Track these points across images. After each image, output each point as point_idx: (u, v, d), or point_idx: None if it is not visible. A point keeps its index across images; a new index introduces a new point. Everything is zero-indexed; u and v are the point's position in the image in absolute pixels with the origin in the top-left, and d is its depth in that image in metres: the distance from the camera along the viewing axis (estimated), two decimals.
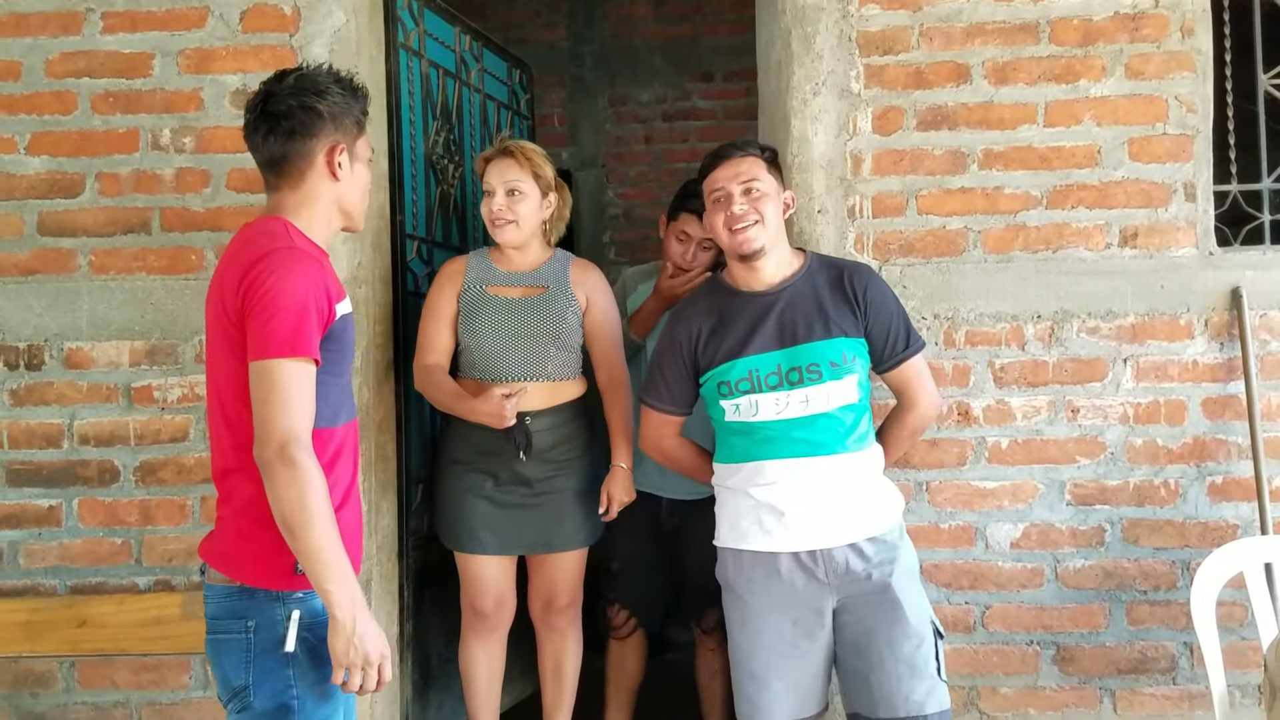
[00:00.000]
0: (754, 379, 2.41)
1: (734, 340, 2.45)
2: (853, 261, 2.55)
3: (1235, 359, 2.89)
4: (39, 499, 2.97)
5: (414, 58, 3.25)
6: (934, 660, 2.37)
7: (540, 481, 2.92)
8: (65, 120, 2.97)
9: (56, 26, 2.96)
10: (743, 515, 2.46)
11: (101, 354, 2.96)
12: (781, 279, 2.47)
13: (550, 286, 2.94)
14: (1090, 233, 2.92)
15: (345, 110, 2.02)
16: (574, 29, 5.79)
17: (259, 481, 1.87)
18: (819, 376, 2.38)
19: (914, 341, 2.50)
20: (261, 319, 1.85)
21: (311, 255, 1.96)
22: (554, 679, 3.09)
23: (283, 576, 1.90)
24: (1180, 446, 2.92)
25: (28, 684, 2.98)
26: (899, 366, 2.49)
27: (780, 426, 2.40)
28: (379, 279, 3.04)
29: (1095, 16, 2.92)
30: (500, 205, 2.87)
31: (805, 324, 2.41)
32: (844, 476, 2.39)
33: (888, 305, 2.47)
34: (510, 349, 2.88)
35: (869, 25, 2.94)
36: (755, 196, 2.42)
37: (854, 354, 2.41)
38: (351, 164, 2.04)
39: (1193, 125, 2.92)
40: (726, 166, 2.46)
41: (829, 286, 2.45)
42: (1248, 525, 2.90)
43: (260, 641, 1.90)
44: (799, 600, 2.40)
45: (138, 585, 2.95)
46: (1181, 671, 2.92)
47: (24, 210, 2.97)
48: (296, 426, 1.84)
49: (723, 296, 2.52)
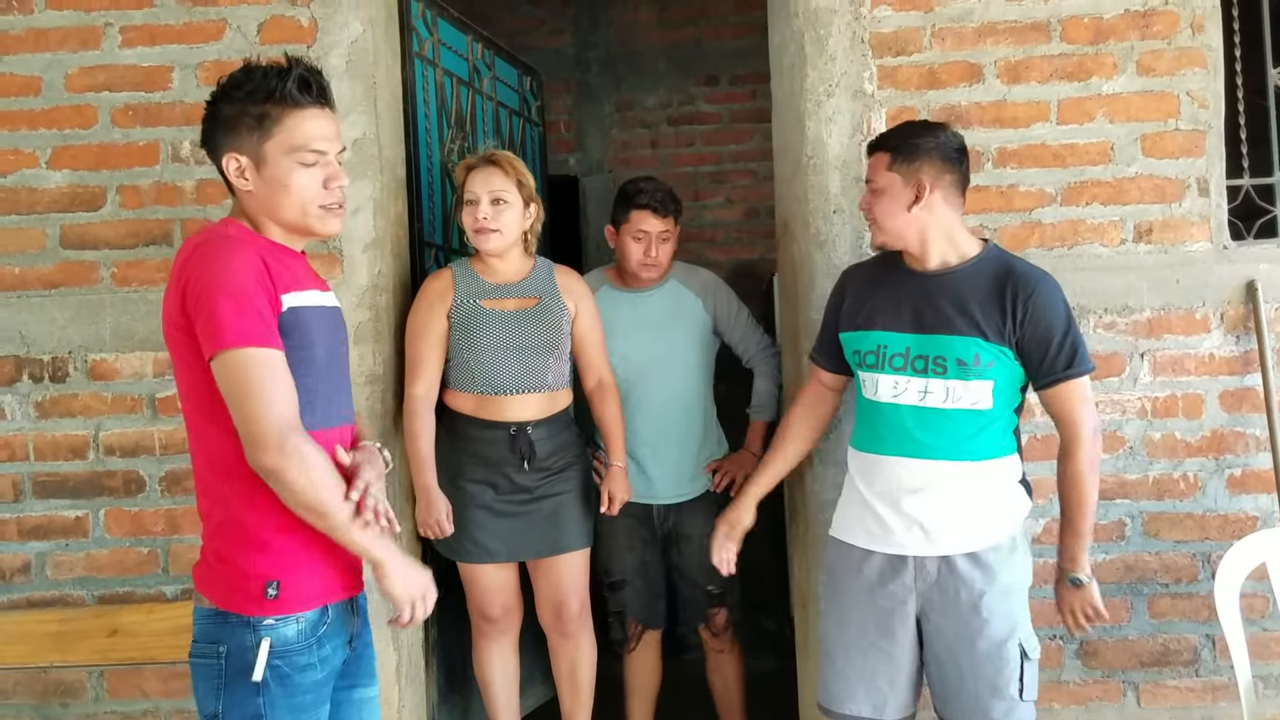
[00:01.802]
0: (880, 355, 2.41)
1: (875, 311, 2.46)
2: (1030, 267, 2.41)
3: (1251, 352, 2.91)
4: (65, 510, 2.98)
5: (429, 67, 3.28)
6: (1017, 682, 2.34)
7: (538, 488, 2.97)
8: (86, 134, 2.98)
9: (76, 41, 2.98)
10: (852, 506, 2.51)
11: (125, 365, 2.98)
12: (943, 264, 2.42)
13: (543, 297, 2.99)
14: (1105, 229, 2.94)
15: (240, 113, 1.83)
16: (579, 35, 5.82)
17: (229, 502, 1.84)
18: (944, 371, 2.34)
19: (1077, 364, 2.34)
20: (205, 312, 1.75)
21: (249, 244, 1.83)
22: (570, 684, 3.12)
23: (253, 601, 1.83)
24: (1199, 440, 2.94)
25: (57, 694, 2.99)
26: (1053, 388, 2.36)
27: (899, 415, 2.39)
28: (399, 286, 3.06)
29: (1106, 14, 2.93)
30: (486, 214, 2.90)
31: (945, 315, 2.36)
32: (952, 485, 2.37)
33: (1050, 320, 2.33)
34: (511, 362, 2.91)
35: (881, 27, 2.96)
36: (873, 194, 2.44)
37: (990, 359, 2.33)
38: (259, 170, 1.85)
39: (1204, 121, 2.94)
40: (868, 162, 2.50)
41: (991, 285, 2.36)
42: (1267, 517, 2.91)
43: (231, 668, 1.83)
44: (883, 600, 2.42)
45: (165, 595, 2.97)
46: (1204, 663, 2.94)
47: (46, 224, 2.99)
48: (281, 415, 1.76)
49: (887, 266, 2.51)
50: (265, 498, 1.82)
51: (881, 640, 2.42)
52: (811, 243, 2.94)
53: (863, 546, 2.46)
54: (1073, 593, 2.41)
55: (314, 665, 1.87)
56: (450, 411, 2.96)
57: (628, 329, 3.21)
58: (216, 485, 1.87)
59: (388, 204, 2.99)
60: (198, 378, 1.82)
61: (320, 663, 1.88)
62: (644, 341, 3.21)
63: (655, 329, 3.22)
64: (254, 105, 1.83)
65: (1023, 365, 2.36)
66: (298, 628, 1.85)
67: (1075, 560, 2.39)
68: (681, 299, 3.27)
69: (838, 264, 2.89)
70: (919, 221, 2.39)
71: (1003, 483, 2.41)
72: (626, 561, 3.24)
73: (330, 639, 1.91)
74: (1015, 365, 2.36)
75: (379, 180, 2.93)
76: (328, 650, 1.90)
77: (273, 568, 1.84)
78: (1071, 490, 2.38)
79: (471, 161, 2.98)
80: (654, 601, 3.29)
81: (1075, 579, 2.39)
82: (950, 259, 2.41)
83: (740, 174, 5.75)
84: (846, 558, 2.49)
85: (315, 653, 1.87)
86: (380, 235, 2.95)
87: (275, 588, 1.83)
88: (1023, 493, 2.46)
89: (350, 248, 2.92)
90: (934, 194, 2.38)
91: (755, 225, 5.71)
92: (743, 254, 5.79)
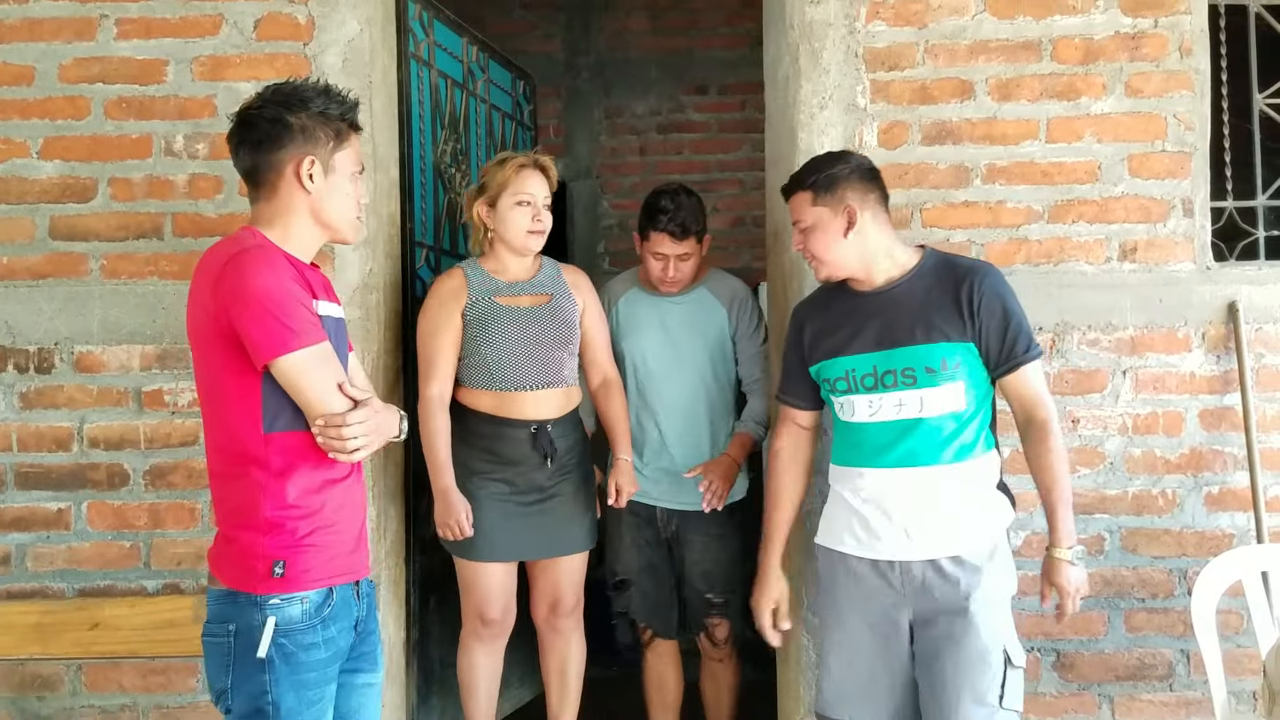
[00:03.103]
0: (850, 379, 2.44)
1: (837, 339, 2.48)
2: (973, 261, 2.50)
3: (1231, 371, 2.96)
4: (48, 502, 2.97)
5: (424, 68, 3.29)
6: (998, 689, 2.34)
7: (550, 487, 2.97)
8: (78, 125, 2.98)
9: (70, 32, 2.97)
10: (838, 516, 2.52)
11: (112, 358, 2.97)
12: (887, 280, 2.45)
13: (555, 294, 3.00)
14: (1091, 247, 2.98)
15: (320, 123, 2.02)
16: (570, 41, 5.82)
17: (241, 487, 1.94)
18: (914, 381, 2.37)
19: (1033, 347, 2.41)
20: (253, 322, 1.89)
21: (283, 254, 1.98)
22: (559, 681, 3.12)
23: (260, 580, 1.93)
24: (1178, 457, 2.98)
25: (34, 687, 2.98)
26: (1015, 371, 2.40)
27: (878, 431, 2.41)
28: (389, 285, 3.07)
29: (1096, 35, 2.98)
30: (544, 217, 2.96)
31: (904, 327, 2.39)
32: (936, 490, 2.39)
33: (1003, 305, 2.39)
34: (530, 358, 2.92)
35: (875, 42, 2.99)
36: (805, 234, 2.46)
37: (958, 360, 2.37)
38: (326, 175, 2.03)
39: (1190, 143, 2.98)
40: (789, 205, 2.53)
41: (939, 288, 2.40)
42: (1244, 535, 2.96)
43: (239, 646, 1.93)
44: (876, 607, 2.44)
45: (146, 589, 2.96)
46: (1179, 678, 2.97)
47: (36, 214, 2.98)
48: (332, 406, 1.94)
49: (839, 293, 2.53)
50: (274, 481, 1.94)
51: (879, 648, 2.44)
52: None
53: (851, 553, 2.48)
54: (1071, 570, 2.41)
55: (318, 645, 1.96)
56: (464, 409, 2.95)
57: (648, 332, 3.23)
58: (229, 472, 1.97)
59: (381, 203, 3.00)
60: (216, 370, 1.96)
61: (325, 643, 1.97)
62: (661, 346, 3.21)
63: (673, 335, 3.21)
64: (332, 120, 2.03)
65: (984, 356, 2.40)
66: (302, 608, 1.94)
67: (1071, 535, 2.41)
68: (705, 307, 3.24)
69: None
70: (856, 246, 2.44)
71: (984, 483, 2.44)
72: (632, 560, 3.23)
73: (335, 620, 1.99)
74: (978, 359, 2.40)
75: (373, 179, 2.93)
76: (333, 631, 1.99)
77: (279, 548, 1.94)
78: (1057, 464, 2.41)
79: (524, 161, 2.98)
80: (664, 608, 3.26)
81: (1073, 556, 2.40)
82: (893, 273, 2.46)
83: (728, 183, 5.77)
84: (837, 565, 2.51)
85: (320, 633, 1.96)
86: (373, 234, 2.95)
87: (281, 567, 1.93)
88: (1004, 499, 2.48)
89: (342, 246, 2.91)
90: (864, 215, 2.42)
91: (741, 234, 5.72)
92: (729, 262, 5.78)
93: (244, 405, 1.93)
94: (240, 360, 1.92)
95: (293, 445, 1.95)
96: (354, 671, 2.09)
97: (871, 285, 2.47)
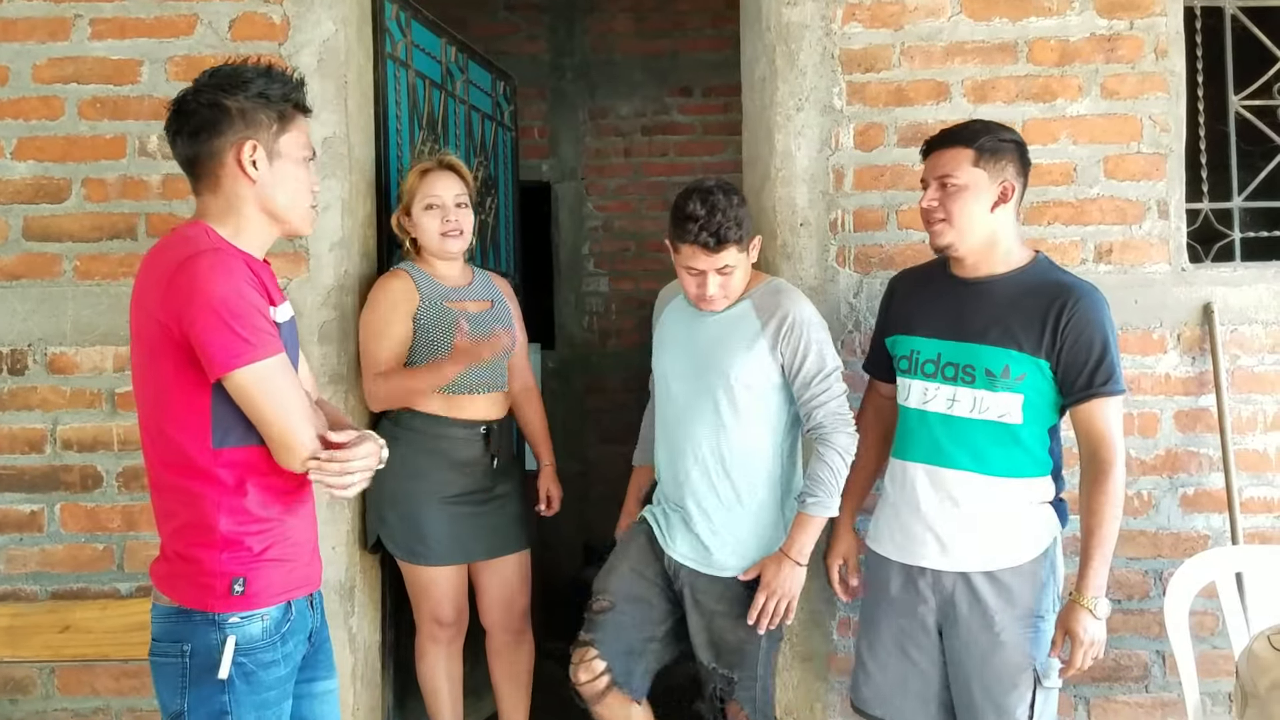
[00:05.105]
0: (913, 360, 2.42)
1: (915, 316, 2.45)
2: (1079, 281, 2.36)
3: (1206, 373, 2.96)
4: (20, 504, 2.95)
5: (401, 68, 3.28)
6: (1025, 706, 2.32)
7: (490, 489, 3.01)
8: (52, 125, 2.96)
9: (44, 32, 2.96)
10: (882, 517, 2.53)
11: (85, 359, 2.95)
12: (990, 272, 2.38)
13: (494, 301, 3.07)
14: (1066, 248, 2.97)
15: (261, 105, 1.88)
16: (555, 42, 5.82)
17: (189, 501, 1.85)
18: (972, 380, 2.33)
19: (1114, 383, 2.29)
20: (208, 332, 1.78)
21: (238, 255, 1.87)
22: (511, 685, 3.13)
23: (219, 598, 1.85)
24: (1153, 458, 2.98)
25: (6, 690, 2.96)
26: (1086, 403, 2.31)
27: (928, 421, 2.39)
28: (365, 287, 3.05)
29: (1072, 37, 2.98)
30: (455, 217, 2.93)
31: (980, 323, 2.34)
32: (973, 498, 2.35)
33: (1093, 334, 2.28)
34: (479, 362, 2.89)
35: (851, 43, 2.98)
36: (950, 192, 2.35)
37: (1024, 373, 2.29)
38: (271, 161, 1.90)
39: (1166, 145, 2.98)
40: (932, 158, 2.41)
41: (1032, 296, 2.31)
42: (1218, 536, 2.96)
43: (195, 666, 1.85)
44: (905, 610, 2.43)
45: (119, 591, 2.94)
46: (1154, 680, 2.97)
47: (9, 215, 2.97)
48: (297, 426, 1.84)
49: (939, 273, 2.48)
50: (227, 498, 1.86)
51: (911, 650, 2.44)
52: (779, 255, 2.96)
53: (889, 557, 2.48)
54: (1091, 622, 2.29)
55: (278, 662, 1.90)
56: (410, 411, 2.93)
57: (674, 349, 2.69)
58: (174, 485, 1.88)
59: (356, 204, 2.99)
60: (162, 380, 1.85)
61: (284, 659, 1.92)
62: (685, 368, 2.63)
63: (702, 356, 2.60)
64: (274, 102, 1.90)
65: (1058, 379, 2.32)
66: (263, 625, 1.88)
67: (1101, 586, 2.30)
68: (745, 327, 2.58)
69: (803, 276, 2.92)
70: (995, 223, 2.35)
71: (1028, 504, 2.38)
72: (621, 587, 2.67)
73: (293, 635, 1.95)
74: (1050, 380, 2.32)
75: (348, 180, 2.93)
76: (290, 647, 1.94)
77: (237, 565, 1.86)
78: (1107, 509, 2.29)
79: (428, 165, 2.98)
80: (631, 649, 2.65)
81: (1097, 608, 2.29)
82: (1000, 268, 2.39)
83: None
84: (877, 568, 2.53)
85: (279, 649, 1.91)
86: (348, 235, 2.94)
87: (241, 584, 1.86)
88: (1053, 516, 2.41)
89: (317, 246, 2.91)
90: (1014, 197, 2.36)
91: None
92: None
93: (192, 419, 1.83)
94: (191, 372, 1.81)
95: (244, 460, 1.86)
96: (311, 680, 2.04)
97: (975, 273, 2.40)
